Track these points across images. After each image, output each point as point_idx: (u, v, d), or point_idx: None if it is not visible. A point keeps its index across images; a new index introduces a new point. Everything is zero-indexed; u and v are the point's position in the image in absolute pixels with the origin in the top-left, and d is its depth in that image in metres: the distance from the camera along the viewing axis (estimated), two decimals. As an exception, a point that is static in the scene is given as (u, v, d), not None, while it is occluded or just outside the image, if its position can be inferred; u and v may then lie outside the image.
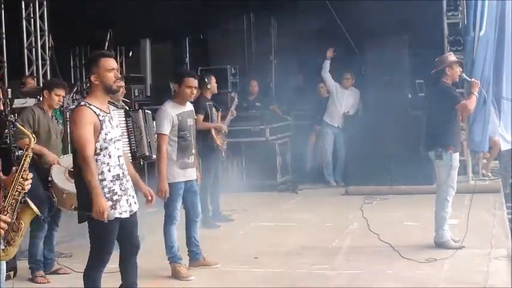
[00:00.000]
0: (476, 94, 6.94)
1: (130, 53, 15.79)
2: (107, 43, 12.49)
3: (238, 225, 8.49)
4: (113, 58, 4.75)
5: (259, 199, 10.04)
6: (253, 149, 10.79)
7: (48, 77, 10.73)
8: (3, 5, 11.00)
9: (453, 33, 10.15)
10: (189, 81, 6.33)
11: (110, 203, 4.55)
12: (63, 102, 7.39)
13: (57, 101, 6.48)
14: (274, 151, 10.90)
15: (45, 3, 10.94)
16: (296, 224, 8.48)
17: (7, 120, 5.83)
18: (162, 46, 15.51)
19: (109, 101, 4.89)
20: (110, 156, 4.60)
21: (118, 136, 4.73)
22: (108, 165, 4.59)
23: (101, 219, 4.49)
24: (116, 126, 4.73)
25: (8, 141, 8.82)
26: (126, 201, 4.64)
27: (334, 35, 11.40)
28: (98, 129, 4.55)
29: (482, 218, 7.92)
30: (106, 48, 12.21)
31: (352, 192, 10.09)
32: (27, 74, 10.77)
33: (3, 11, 11.02)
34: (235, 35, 14.72)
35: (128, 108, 7.24)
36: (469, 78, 7.24)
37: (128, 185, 4.73)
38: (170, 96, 6.56)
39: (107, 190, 4.56)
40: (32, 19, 10.90)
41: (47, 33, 10.99)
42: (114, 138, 4.65)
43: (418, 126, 7.71)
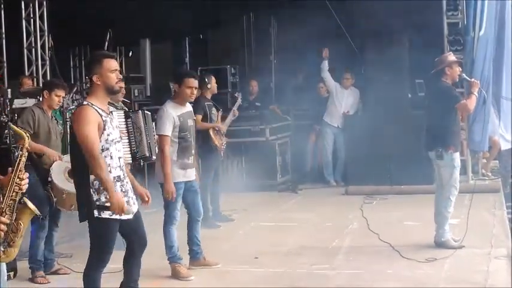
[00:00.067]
0: (476, 94, 6.94)
1: (130, 53, 15.79)
2: (106, 43, 12.47)
3: (238, 225, 8.49)
4: (115, 59, 4.75)
5: (259, 199, 10.03)
6: (253, 149, 10.79)
7: (48, 77, 10.71)
8: (2, 5, 11.01)
9: (453, 33, 10.15)
10: (189, 81, 6.32)
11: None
12: (62, 102, 7.39)
13: (57, 101, 6.47)
14: (274, 151, 10.89)
15: (45, 3, 10.93)
16: (296, 223, 8.48)
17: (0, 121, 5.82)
18: (162, 46, 15.52)
19: (108, 102, 4.88)
20: (112, 157, 4.59)
21: (118, 137, 4.72)
22: (109, 167, 4.57)
23: (121, 214, 4.50)
24: (116, 127, 4.73)
25: (7, 142, 8.85)
26: (126, 203, 4.63)
27: (334, 35, 11.40)
28: (101, 129, 4.53)
29: (482, 217, 7.91)
30: (106, 48, 12.19)
31: (352, 192, 10.08)
32: (27, 74, 10.77)
33: (2, 11, 11.03)
34: (235, 35, 14.72)
35: (128, 108, 7.24)
36: (468, 78, 7.24)
37: (128, 187, 4.73)
38: (170, 97, 6.55)
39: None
40: (31, 19, 10.89)
41: (46, 33, 10.98)
42: (115, 139, 4.64)
43: (418, 126, 7.71)
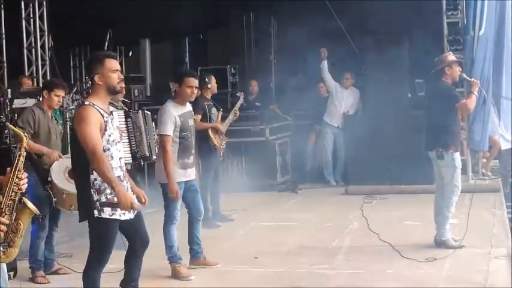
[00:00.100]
0: (476, 93, 6.94)
1: (130, 53, 15.80)
2: (106, 43, 12.47)
3: (238, 225, 8.49)
4: (116, 59, 4.75)
5: (259, 199, 10.03)
6: (253, 149, 10.78)
7: (48, 77, 10.70)
8: (2, 5, 11.00)
9: (453, 32, 10.15)
10: (190, 81, 6.31)
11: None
12: (62, 102, 7.38)
13: (56, 101, 6.46)
14: (274, 151, 10.89)
15: (45, 3, 10.92)
16: (296, 223, 8.47)
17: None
18: (162, 46, 15.54)
19: (108, 102, 4.88)
20: (112, 157, 4.58)
21: (118, 138, 4.72)
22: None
23: (130, 211, 4.50)
24: (116, 128, 4.72)
25: (7, 142, 8.85)
26: None
27: (334, 35, 11.40)
28: (103, 130, 4.53)
29: (482, 217, 7.91)
30: (106, 48, 12.20)
31: (352, 192, 10.08)
32: (27, 74, 10.76)
33: (2, 11, 11.02)
34: (235, 35, 14.72)
35: (127, 108, 7.24)
36: (468, 78, 7.25)
37: (128, 187, 4.73)
38: (170, 96, 6.54)
39: (108, 191, 4.54)
40: (31, 19, 10.88)
41: (46, 33, 10.97)
42: (115, 139, 4.65)
43: (418, 126, 7.70)
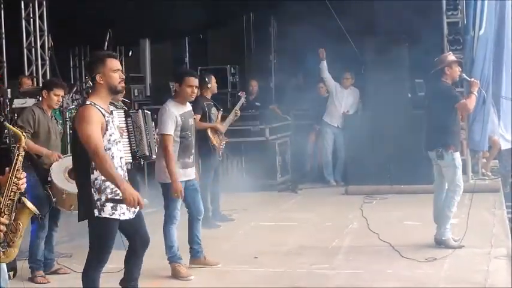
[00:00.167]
0: (475, 94, 6.95)
1: (130, 53, 15.80)
2: (106, 43, 12.48)
3: (238, 225, 8.49)
4: (118, 59, 4.74)
5: (259, 199, 10.03)
6: (253, 149, 10.77)
7: (48, 77, 10.70)
8: (2, 5, 11.00)
9: (453, 32, 10.15)
10: (190, 80, 6.30)
11: (111, 203, 4.54)
12: (62, 102, 7.38)
13: (56, 100, 6.46)
14: (274, 151, 10.89)
15: (45, 3, 10.92)
16: (296, 223, 8.47)
17: None
18: (162, 46, 15.53)
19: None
20: (113, 157, 4.57)
21: (119, 137, 4.72)
22: None
23: (137, 207, 4.49)
24: (116, 127, 4.72)
25: (7, 142, 8.85)
26: None
27: (334, 35, 11.40)
28: (104, 129, 4.53)
29: (482, 217, 7.91)
30: (106, 48, 12.20)
31: (352, 192, 10.08)
32: (26, 74, 10.76)
33: (2, 11, 11.02)
34: (235, 35, 14.72)
35: (127, 108, 7.24)
36: (468, 78, 7.25)
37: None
38: (170, 96, 6.54)
39: (109, 191, 4.54)
40: (31, 19, 10.87)
41: (46, 33, 10.96)
42: (116, 139, 4.64)
43: (418, 126, 7.71)
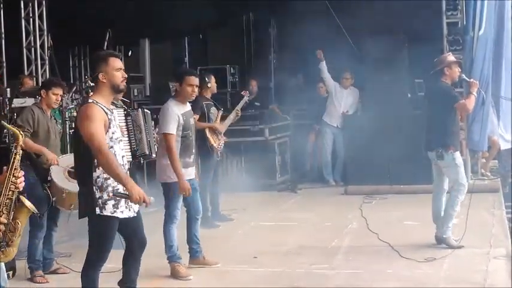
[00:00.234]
0: (475, 94, 6.95)
1: (130, 53, 15.79)
2: (106, 43, 12.47)
3: (238, 225, 8.49)
4: (120, 58, 4.75)
5: (258, 199, 10.03)
6: (253, 149, 10.77)
7: (48, 76, 10.70)
8: (2, 5, 10.99)
9: (452, 32, 10.14)
10: (190, 79, 6.31)
11: (113, 201, 4.54)
12: (61, 101, 7.37)
13: (54, 100, 6.45)
14: (273, 151, 10.89)
15: (44, 2, 10.91)
16: (295, 223, 8.47)
17: None
18: (162, 46, 15.53)
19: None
20: (115, 155, 4.56)
21: (121, 136, 4.73)
22: None
23: (141, 204, 4.48)
24: (117, 126, 4.73)
25: (6, 141, 8.85)
26: (127, 202, 4.62)
27: (334, 35, 11.41)
28: (106, 127, 4.53)
29: (481, 217, 7.91)
30: (105, 47, 12.19)
31: (352, 192, 10.08)
32: (26, 73, 10.75)
33: (2, 11, 11.01)
34: (235, 35, 14.73)
35: (127, 107, 7.23)
36: (468, 79, 7.26)
37: None
38: (170, 96, 6.53)
39: (110, 189, 4.54)
40: (31, 19, 10.87)
41: (46, 33, 10.96)
42: (118, 137, 4.65)
43: (418, 126, 7.72)
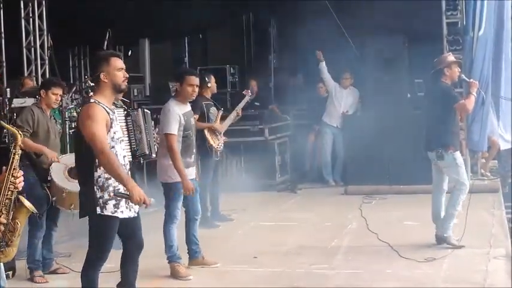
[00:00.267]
0: (474, 94, 6.96)
1: (130, 53, 15.79)
2: (106, 43, 12.46)
3: (238, 225, 8.48)
4: (121, 58, 4.74)
5: (258, 199, 10.03)
6: (252, 149, 10.76)
7: (47, 76, 10.70)
8: (2, 5, 10.98)
9: (452, 32, 10.14)
10: (191, 79, 6.31)
11: (114, 201, 4.54)
12: (61, 101, 7.37)
13: (54, 99, 6.45)
14: (273, 151, 10.89)
15: (44, 2, 10.90)
16: (295, 223, 8.47)
17: None
18: (161, 46, 15.53)
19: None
20: (117, 155, 4.56)
21: (122, 136, 4.73)
22: None
23: (141, 205, 4.49)
24: (119, 126, 4.72)
25: (6, 141, 8.84)
26: (128, 202, 4.62)
27: (334, 35, 11.41)
28: (108, 127, 4.53)
29: (481, 217, 7.91)
30: (105, 47, 12.18)
31: (351, 192, 10.08)
32: (26, 73, 10.74)
33: (1, 11, 11.00)
34: (235, 35, 14.73)
35: (127, 107, 7.23)
36: (467, 79, 7.26)
37: None
38: (169, 96, 6.53)
39: (111, 189, 4.53)
40: (30, 18, 10.86)
41: (45, 33, 10.95)
42: (120, 137, 4.65)
43: (417, 126, 7.72)
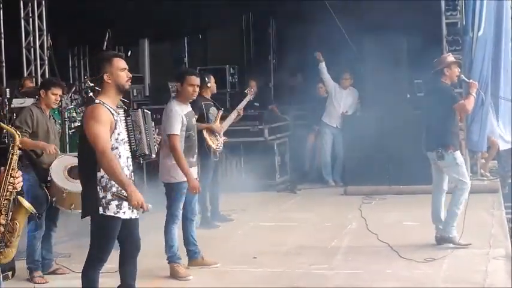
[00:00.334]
0: (474, 95, 6.96)
1: (129, 53, 15.77)
2: (105, 43, 12.47)
3: (237, 225, 8.48)
4: (124, 59, 4.75)
5: (258, 199, 10.03)
6: (252, 149, 10.76)
7: (47, 76, 10.69)
8: (1, 5, 10.98)
9: (452, 33, 10.15)
10: (191, 79, 6.31)
11: (116, 202, 4.54)
12: (61, 102, 7.37)
13: (53, 100, 6.45)
14: (273, 151, 10.89)
15: (44, 2, 10.89)
16: (295, 223, 8.47)
17: None
18: (161, 46, 15.53)
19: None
20: (120, 156, 4.57)
21: (126, 137, 4.72)
22: None
23: (138, 209, 4.50)
24: (123, 127, 4.72)
25: (6, 141, 8.83)
26: None
27: (333, 35, 11.41)
28: (112, 129, 4.54)
29: (480, 217, 7.92)
30: (105, 47, 12.19)
31: (351, 192, 10.08)
32: (25, 73, 10.73)
33: (1, 11, 10.99)
34: (235, 35, 14.73)
35: (127, 108, 7.23)
36: (467, 79, 7.26)
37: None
38: (169, 96, 6.53)
39: (114, 189, 4.53)
40: (30, 19, 10.85)
41: (45, 33, 10.95)
42: (124, 139, 4.66)
43: (417, 126, 7.71)
